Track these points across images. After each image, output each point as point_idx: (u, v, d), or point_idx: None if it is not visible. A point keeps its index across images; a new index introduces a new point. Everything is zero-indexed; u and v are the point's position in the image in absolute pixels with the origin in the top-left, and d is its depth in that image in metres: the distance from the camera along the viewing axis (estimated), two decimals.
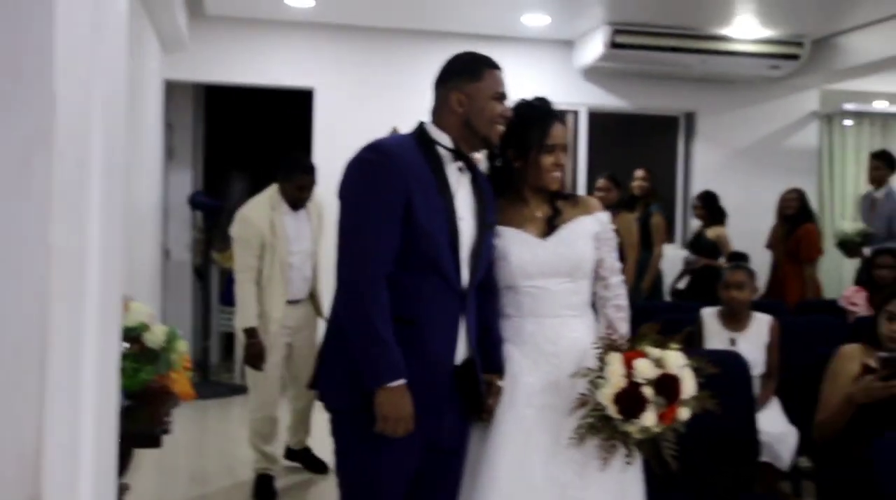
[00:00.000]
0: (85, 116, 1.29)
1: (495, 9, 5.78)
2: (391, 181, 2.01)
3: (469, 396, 2.19)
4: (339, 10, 5.90)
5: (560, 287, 2.35)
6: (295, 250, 4.06)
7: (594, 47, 6.22)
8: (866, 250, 5.80)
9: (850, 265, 6.31)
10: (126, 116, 1.72)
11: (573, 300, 2.37)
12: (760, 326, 3.71)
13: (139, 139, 4.74)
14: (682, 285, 6.09)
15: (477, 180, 2.20)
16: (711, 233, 6.03)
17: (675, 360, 2.15)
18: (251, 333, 3.95)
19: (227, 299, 7.15)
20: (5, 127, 1.05)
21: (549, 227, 2.37)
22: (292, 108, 6.73)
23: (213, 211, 6.59)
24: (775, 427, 3.43)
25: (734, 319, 3.72)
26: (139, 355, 2.48)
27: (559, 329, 2.33)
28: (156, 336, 2.58)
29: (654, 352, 2.16)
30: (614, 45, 6.04)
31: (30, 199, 1.09)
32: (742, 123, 7.18)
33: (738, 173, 6.84)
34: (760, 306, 3.98)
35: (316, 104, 6.30)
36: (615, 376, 2.10)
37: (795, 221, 5.82)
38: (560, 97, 4.33)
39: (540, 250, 2.34)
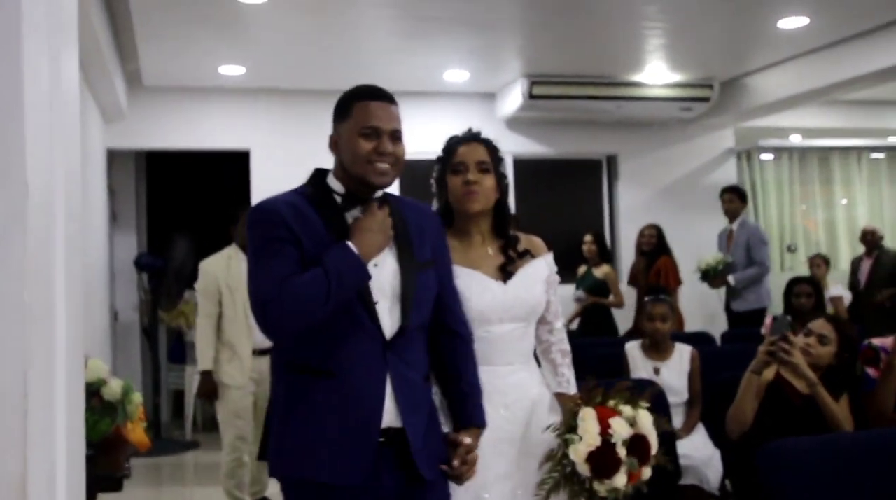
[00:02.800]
0: (50, 193, 1.53)
1: (418, 67, 6.10)
2: (274, 230, 1.87)
3: (406, 466, 1.91)
4: (269, 75, 6.17)
5: (513, 333, 2.25)
6: None
7: (514, 99, 6.57)
8: (730, 279, 6.23)
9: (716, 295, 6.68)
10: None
11: (523, 347, 2.30)
12: (682, 355, 3.87)
13: (85, 206, 4.93)
14: (574, 325, 6.25)
15: (400, 219, 1.98)
16: (599, 271, 6.28)
17: (647, 420, 2.10)
18: (206, 374, 4.26)
19: (175, 356, 7.28)
20: None
21: (505, 270, 2.27)
22: (230, 169, 6.96)
23: (158, 271, 6.75)
24: (701, 451, 3.57)
25: (657, 349, 3.89)
26: (98, 408, 2.67)
27: (510, 379, 2.22)
28: (113, 390, 2.78)
29: (627, 410, 2.10)
30: (532, 96, 6.38)
31: (8, 269, 1.28)
32: (662, 163, 7.57)
33: (661, 211, 7.15)
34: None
35: (253, 164, 6.55)
36: (590, 435, 2.02)
37: (653, 256, 6.24)
38: None
39: (500, 292, 2.23)
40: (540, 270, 2.33)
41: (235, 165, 6.74)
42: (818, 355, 2.88)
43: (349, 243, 1.86)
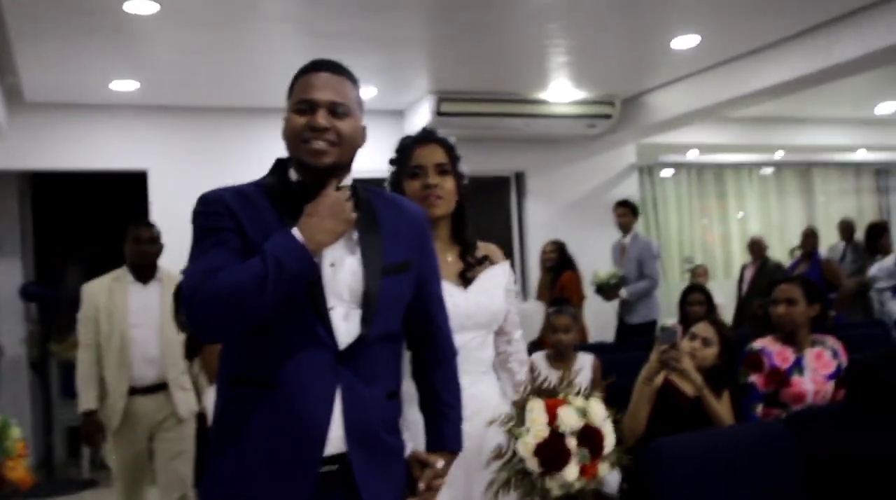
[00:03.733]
0: None
1: None
2: (213, 220, 1.68)
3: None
4: (165, 91, 5.90)
5: (473, 342, 2.17)
6: (136, 322, 3.74)
7: (422, 116, 6.52)
8: (622, 292, 6.40)
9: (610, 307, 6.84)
10: None
11: (483, 355, 2.22)
12: (584, 364, 3.99)
13: None
14: None
15: (370, 213, 1.76)
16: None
17: (599, 411, 2.01)
18: (88, 414, 3.73)
19: (69, 391, 6.85)
20: None
21: (464, 276, 2.20)
22: (126, 191, 6.62)
23: (48, 301, 6.33)
24: None
25: (561, 359, 3.96)
26: None
27: (469, 390, 2.07)
28: None
29: (578, 401, 2.01)
30: (441, 114, 6.35)
31: None
32: (568, 179, 7.67)
33: (568, 226, 7.25)
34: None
35: (151, 185, 6.24)
36: (537, 425, 1.93)
37: (557, 271, 6.36)
38: None
39: (461, 299, 2.15)
40: (499, 277, 2.27)
41: (132, 186, 6.41)
42: (702, 357, 3.11)
43: (294, 229, 1.62)
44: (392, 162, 2.24)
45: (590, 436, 1.98)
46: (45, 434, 6.43)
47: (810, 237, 6.97)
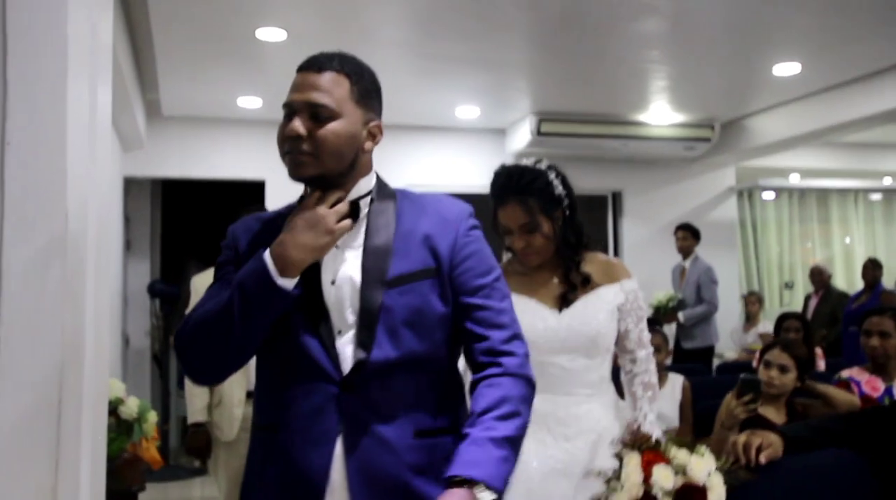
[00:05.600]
0: (84, 221, 1.64)
1: (431, 103, 6.30)
2: (224, 255, 1.59)
3: None
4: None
5: (575, 364, 2.11)
6: None
7: (523, 135, 6.77)
8: (679, 316, 6.38)
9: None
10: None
11: (589, 378, 2.14)
12: (675, 385, 4.03)
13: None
14: None
15: (382, 220, 1.55)
16: None
17: (702, 467, 1.85)
18: (195, 426, 3.40)
19: (184, 384, 7.37)
20: (28, 241, 1.37)
21: (565, 299, 2.14)
22: (245, 199, 7.12)
23: (170, 298, 6.89)
24: None
25: None
26: (115, 426, 2.81)
27: (573, 410, 2.09)
28: (130, 409, 2.91)
29: (680, 455, 1.86)
30: (541, 133, 6.58)
31: (48, 292, 1.39)
32: (665, 200, 7.75)
33: (663, 247, 7.30)
34: None
35: (267, 194, 6.72)
36: (631, 483, 1.82)
37: None
38: None
39: (553, 322, 2.12)
40: (608, 298, 2.16)
41: (250, 195, 6.91)
42: (781, 384, 3.07)
43: (267, 250, 1.45)
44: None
45: (689, 495, 1.83)
46: (162, 423, 6.96)
47: (871, 269, 6.83)
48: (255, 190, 6.78)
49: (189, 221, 7.88)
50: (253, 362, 1.62)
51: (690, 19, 4.64)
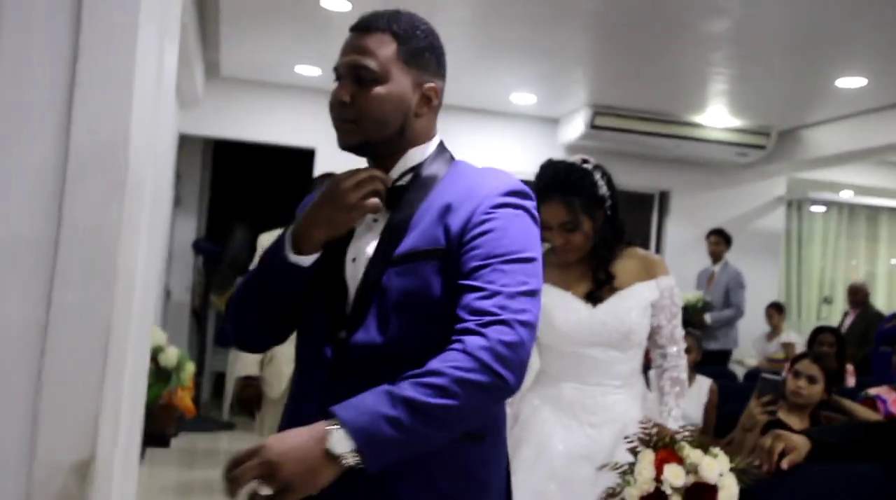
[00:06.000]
0: (142, 172, 1.71)
1: (487, 86, 6.31)
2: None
3: None
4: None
5: (606, 355, 2.17)
6: None
7: (576, 126, 6.74)
8: (707, 318, 6.39)
9: None
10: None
11: (620, 369, 2.19)
12: (702, 387, 4.05)
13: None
14: None
15: (416, 197, 1.39)
16: None
17: (714, 467, 1.89)
18: (247, 379, 3.31)
19: (221, 340, 7.53)
20: (91, 184, 1.45)
21: (591, 296, 2.18)
22: (293, 165, 7.22)
23: (214, 256, 7.01)
24: None
25: None
26: (154, 373, 2.90)
27: (600, 399, 2.15)
28: (169, 358, 3.00)
29: (693, 455, 1.90)
30: (594, 127, 6.55)
31: (102, 235, 1.46)
32: (712, 204, 7.68)
33: (706, 251, 7.27)
34: None
35: (317, 163, 6.79)
36: (643, 478, 1.88)
37: None
38: None
39: (586, 315, 2.16)
40: (643, 295, 2.19)
41: (299, 161, 7.00)
42: (809, 394, 3.07)
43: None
44: None
45: (699, 494, 1.87)
46: (197, 376, 7.10)
47: None
48: (305, 157, 6.86)
49: (237, 182, 8.01)
50: None
51: (758, 24, 4.58)
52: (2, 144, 1.40)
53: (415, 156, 1.42)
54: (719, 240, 6.73)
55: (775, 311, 7.14)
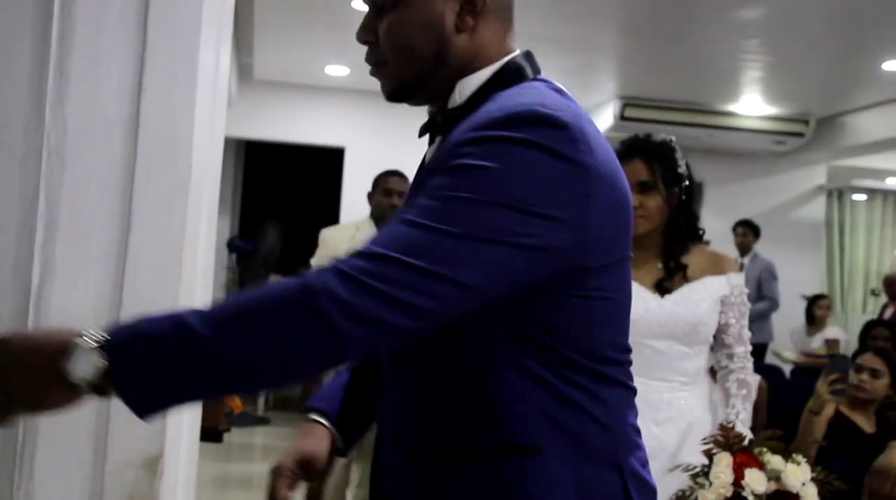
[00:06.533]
0: (202, 173, 1.76)
1: None
2: None
3: None
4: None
5: (672, 350, 2.10)
6: None
7: (605, 118, 6.65)
8: None
9: None
10: None
11: (685, 366, 2.13)
12: (751, 384, 3.99)
13: None
14: None
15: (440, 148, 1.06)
16: None
17: (798, 475, 1.82)
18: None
19: None
20: (161, 182, 1.50)
21: (661, 285, 2.12)
22: (324, 163, 7.25)
23: (247, 254, 7.10)
24: None
25: None
26: None
27: (665, 395, 2.09)
28: None
29: (774, 461, 1.83)
30: (624, 118, 6.46)
31: (168, 236, 1.51)
32: (749, 195, 7.51)
33: None
34: None
35: (346, 161, 6.81)
36: (720, 482, 1.79)
37: None
38: None
39: (654, 305, 2.10)
40: (713, 288, 2.13)
41: (330, 160, 7.02)
42: (873, 389, 2.98)
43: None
44: None
45: None
46: None
47: None
48: (335, 156, 6.88)
49: (269, 182, 8.08)
50: None
51: (795, 8, 4.44)
52: (76, 147, 1.46)
53: (470, 85, 1.06)
54: (746, 231, 6.54)
55: (826, 304, 6.93)
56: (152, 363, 0.84)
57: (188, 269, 1.61)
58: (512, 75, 1.06)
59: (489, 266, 0.90)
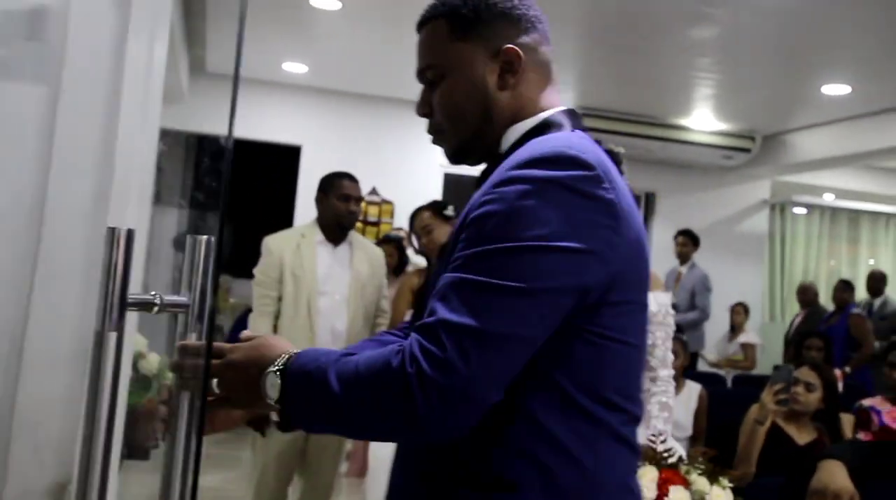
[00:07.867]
0: (129, 176, 1.68)
1: None
2: None
3: None
4: (331, 76, 6.36)
5: None
6: (324, 289, 3.17)
7: None
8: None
9: None
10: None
11: None
12: (691, 392, 4.01)
13: None
14: None
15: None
16: None
17: (722, 498, 1.82)
18: None
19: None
20: (74, 187, 1.38)
21: None
22: (279, 162, 7.16)
23: None
24: None
25: None
26: (134, 380, 2.83)
27: None
28: (150, 364, 2.92)
29: (699, 482, 1.82)
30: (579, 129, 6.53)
31: (95, 242, 1.37)
32: (698, 206, 7.71)
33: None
34: None
35: (303, 160, 6.74)
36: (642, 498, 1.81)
37: None
38: None
39: None
40: None
41: (285, 158, 6.93)
42: (806, 402, 3.07)
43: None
44: None
45: None
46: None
47: (842, 291, 6.77)
48: (291, 155, 6.80)
49: (220, 178, 7.94)
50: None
51: (745, 31, 4.59)
52: None
53: (512, 135, 1.14)
54: (686, 241, 6.63)
55: (742, 309, 7.10)
56: (302, 397, 1.03)
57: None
58: (550, 126, 1.15)
59: (545, 317, 0.99)
